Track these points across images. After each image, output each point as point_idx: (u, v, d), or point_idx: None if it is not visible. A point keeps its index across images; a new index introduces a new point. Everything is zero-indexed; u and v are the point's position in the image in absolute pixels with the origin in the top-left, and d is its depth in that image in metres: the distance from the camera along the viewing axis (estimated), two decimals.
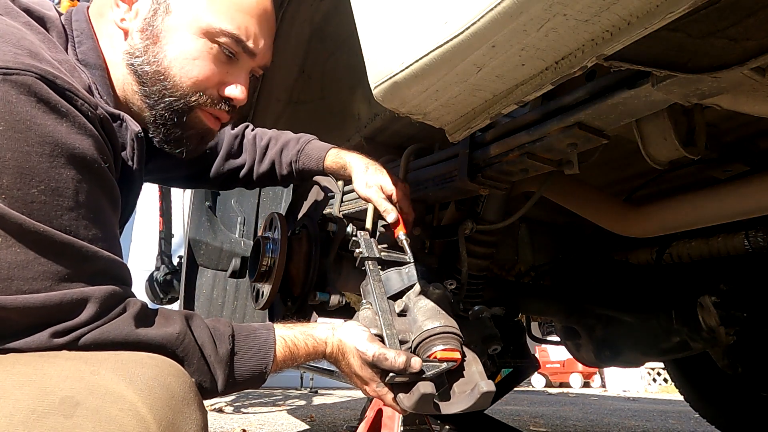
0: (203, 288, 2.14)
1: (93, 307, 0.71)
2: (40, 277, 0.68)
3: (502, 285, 2.07)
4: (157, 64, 0.91)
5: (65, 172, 0.71)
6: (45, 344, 0.69)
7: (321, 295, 1.34)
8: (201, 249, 2.11)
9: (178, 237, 3.41)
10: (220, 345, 0.85)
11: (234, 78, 0.98)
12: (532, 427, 4.23)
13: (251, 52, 0.97)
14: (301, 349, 0.93)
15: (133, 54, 0.91)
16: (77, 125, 0.74)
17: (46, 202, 0.69)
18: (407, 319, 1.04)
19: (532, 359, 2.10)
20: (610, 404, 7.40)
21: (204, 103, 0.96)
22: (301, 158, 1.35)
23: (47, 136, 0.70)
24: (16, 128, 0.68)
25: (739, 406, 2.47)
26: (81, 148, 0.74)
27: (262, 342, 0.90)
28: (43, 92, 0.71)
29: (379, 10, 0.84)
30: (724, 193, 1.29)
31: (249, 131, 1.43)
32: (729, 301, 1.79)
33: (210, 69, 0.94)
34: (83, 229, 0.73)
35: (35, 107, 0.69)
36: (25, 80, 0.69)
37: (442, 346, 0.96)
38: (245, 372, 0.87)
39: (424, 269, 1.11)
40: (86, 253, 0.73)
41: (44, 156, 0.69)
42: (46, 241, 0.69)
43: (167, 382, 0.70)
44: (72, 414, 0.60)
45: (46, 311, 0.68)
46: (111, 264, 0.77)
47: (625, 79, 0.88)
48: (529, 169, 1.15)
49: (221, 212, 2.22)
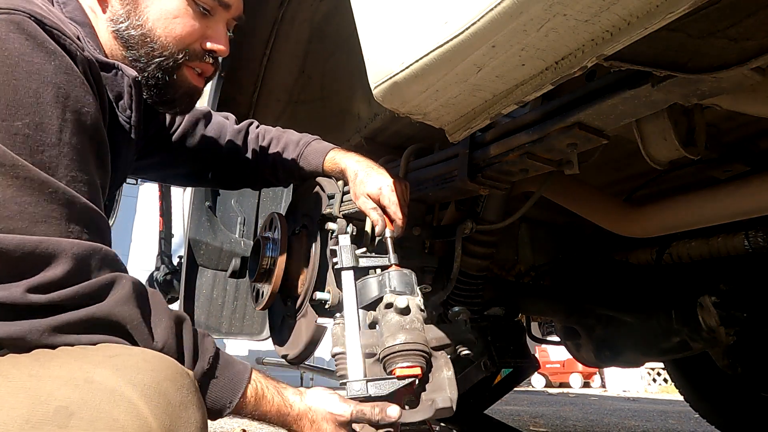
0: (203, 288, 2.14)
1: (69, 262, 0.70)
2: (15, 216, 0.67)
3: (502, 285, 2.06)
4: (141, 28, 0.94)
5: (50, 110, 0.72)
6: (19, 298, 0.66)
7: (321, 295, 1.34)
8: (201, 249, 2.11)
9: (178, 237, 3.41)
10: (201, 359, 0.82)
11: (213, 31, 1.01)
12: (532, 427, 4.23)
13: (226, 5, 1.01)
14: (267, 404, 0.88)
15: (116, 20, 0.94)
16: (64, 66, 0.75)
17: (29, 135, 0.70)
18: (376, 332, 1.05)
19: (532, 359, 2.09)
20: (610, 404, 7.40)
21: (190, 59, 0.99)
22: (300, 162, 1.36)
23: (34, 72, 0.71)
24: (5, 62, 0.69)
25: (739, 406, 2.47)
26: (66, 89, 0.74)
27: (236, 375, 0.86)
28: (32, 29, 0.72)
29: (379, 11, 0.84)
30: (724, 193, 1.29)
31: (253, 128, 1.42)
32: (729, 301, 1.78)
33: (191, 25, 0.97)
34: (63, 168, 0.73)
35: (24, 44, 0.71)
36: (13, 18, 0.71)
37: (401, 364, 0.97)
38: (209, 398, 0.82)
39: (405, 273, 1.10)
40: (63, 194, 0.72)
41: (30, 91, 0.70)
42: (25, 177, 0.68)
43: (163, 387, 0.68)
44: (66, 424, 0.60)
45: (19, 256, 0.67)
46: (88, 211, 0.75)
47: (625, 79, 0.88)
48: (529, 169, 1.15)
49: (221, 212, 2.22)
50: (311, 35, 1.83)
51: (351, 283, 1.13)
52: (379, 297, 1.08)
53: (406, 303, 1.02)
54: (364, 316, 1.10)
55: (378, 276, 1.12)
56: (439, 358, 1.03)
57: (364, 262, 1.17)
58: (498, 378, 2.26)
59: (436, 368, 1.02)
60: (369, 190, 1.21)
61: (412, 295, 1.07)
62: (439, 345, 1.05)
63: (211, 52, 1.02)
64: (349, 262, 1.15)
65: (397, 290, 1.07)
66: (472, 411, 2.15)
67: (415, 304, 1.05)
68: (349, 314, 1.08)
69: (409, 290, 1.08)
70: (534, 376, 13.24)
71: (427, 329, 1.05)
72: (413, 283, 1.10)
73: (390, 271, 1.11)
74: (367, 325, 1.09)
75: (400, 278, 1.09)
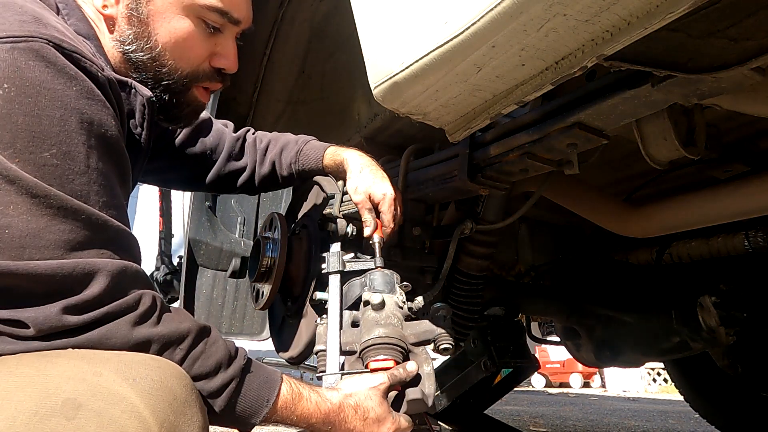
0: (203, 288, 2.14)
1: (104, 280, 0.70)
2: (51, 245, 0.68)
3: (502, 285, 2.06)
4: (150, 51, 0.92)
5: (76, 137, 0.72)
6: (55, 320, 0.67)
7: (321, 295, 1.34)
8: (201, 249, 2.11)
9: (178, 237, 3.41)
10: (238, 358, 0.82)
11: (222, 48, 0.99)
12: (532, 427, 4.23)
13: (236, 21, 0.98)
14: (305, 401, 0.86)
15: (123, 42, 0.92)
16: (86, 90, 0.74)
17: (58, 165, 0.69)
18: (357, 330, 1.08)
19: (532, 359, 2.09)
20: (610, 404, 7.40)
21: (200, 78, 0.98)
22: (300, 159, 1.35)
23: (57, 100, 0.70)
24: (27, 93, 0.68)
25: (739, 406, 2.47)
26: (89, 113, 0.74)
27: (270, 375, 0.85)
28: (51, 56, 0.71)
29: (379, 11, 0.84)
30: (724, 193, 1.29)
31: (250, 134, 1.43)
32: (729, 301, 1.78)
33: (201, 46, 0.95)
34: (94, 195, 0.73)
35: (44, 71, 0.70)
36: (32, 46, 0.70)
37: (375, 357, 0.99)
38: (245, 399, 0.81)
39: (386, 273, 1.13)
40: (97, 221, 0.72)
41: (55, 120, 0.70)
42: (59, 206, 0.68)
43: (169, 383, 0.69)
44: (74, 416, 0.60)
45: (57, 280, 0.68)
46: (120, 234, 0.76)
47: (625, 79, 0.88)
48: (529, 169, 1.15)
49: (221, 212, 2.22)
50: (311, 35, 1.83)
51: (336, 287, 1.18)
52: (359, 296, 1.11)
53: (380, 299, 1.04)
54: (348, 317, 1.13)
55: (362, 278, 1.15)
56: (419, 354, 1.05)
57: (351, 266, 1.21)
58: (498, 378, 2.26)
59: (416, 364, 1.03)
60: (373, 191, 1.22)
61: (392, 293, 1.10)
62: (418, 341, 1.06)
63: (219, 70, 1.00)
64: (336, 266, 1.20)
65: (377, 289, 1.10)
66: (472, 411, 2.15)
67: (392, 301, 1.07)
68: (332, 314, 1.13)
69: (389, 289, 1.10)
70: (534, 376, 13.23)
71: (408, 325, 1.07)
72: (393, 282, 1.12)
73: (372, 272, 1.14)
74: (349, 324, 1.11)
75: (380, 278, 1.12)
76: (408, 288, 1.13)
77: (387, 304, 1.06)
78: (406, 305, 1.10)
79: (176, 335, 0.76)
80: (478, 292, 1.61)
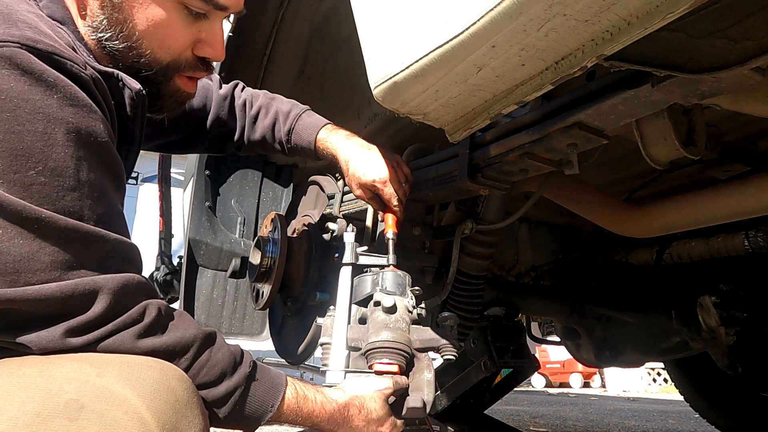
0: (203, 288, 2.14)
1: (106, 299, 0.68)
2: (47, 267, 0.65)
3: (502, 285, 2.06)
4: (126, 39, 0.83)
5: (62, 150, 0.67)
6: (58, 343, 0.66)
7: (321, 296, 1.34)
8: (201, 249, 2.11)
9: (178, 237, 3.41)
10: (244, 363, 0.82)
11: (208, 35, 0.90)
12: (532, 427, 4.23)
13: (222, 6, 0.88)
14: (310, 402, 0.87)
15: (97, 29, 0.82)
16: (69, 96, 0.68)
17: (45, 183, 0.65)
18: (364, 328, 1.08)
19: (532, 359, 2.09)
20: (610, 404, 7.40)
21: (181, 68, 0.90)
22: (293, 138, 1.31)
23: (38, 112, 0.65)
24: (4, 107, 0.63)
25: (739, 406, 2.47)
26: (75, 122, 0.68)
27: (275, 378, 0.85)
28: (26, 62, 0.65)
29: (379, 11, 0.84)
30: (724, 193, 1.29)
31: (238, 91, 1.35)
32: (729, 301, 1.78)
33: (183, 34, 0.87)
34: (87, 210, 0.69)
35: (20, 81, 0.64)
36: (3, 53, 0.63)
37: (379, 360, 1.00)
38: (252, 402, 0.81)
39: (399, 274, 1.12)
40: (94, 237, 0.69)
41: (38, 134, 0.64)
42: (50, 227, 0.65)
43: (171, 385, 0.69)
44: (77, 417, 0.60)
45: (57, 302, 0.65)
46: (119, 245, 0.73)
47: (625, 79, 0.88)
48: (529, 170, 1.15)
49: (221, 212, 2.22)
50: (311, 35, 1.83)
51: (347, 279, 1.17)
52: (370, 294, 1.10)
53: (392, 302, 1.04)
54: (355, 312, 1.13)
55: (374, 274, 1.14)
56: (422, 360, 1.05)
57: (364, 260, 1.20)
58: (498, 378, 2.26)
59: (418, 369, 1.04)
60: (365, 180, 1.20)
61: (402, 296, 1.09)
62: (423, 347, 1.07)
63: (204, 59, 0.92)
64: (349, 258, 1.19)
65: (388, 290, 1.09)
66: (472, 411, 2.15)
67: (402, 305, 1.07)
68: (340, 308, 1.12)
69: (400, 291, 1.10)
70: (534, 376, 13.23)
71: (415, 330, 1.07)
72: (405, 285, 1.12)
73: (385, 271, 1.13)
74: (357, 320, 1.11)
75: (393, 279, 1.11)
76: (418, 292, 1.12)
77: (398, 308, 1.06)
78: (416, 310, 1.09)
79: (180, 345, 0.75)
80: (478, 292, 1.61)
